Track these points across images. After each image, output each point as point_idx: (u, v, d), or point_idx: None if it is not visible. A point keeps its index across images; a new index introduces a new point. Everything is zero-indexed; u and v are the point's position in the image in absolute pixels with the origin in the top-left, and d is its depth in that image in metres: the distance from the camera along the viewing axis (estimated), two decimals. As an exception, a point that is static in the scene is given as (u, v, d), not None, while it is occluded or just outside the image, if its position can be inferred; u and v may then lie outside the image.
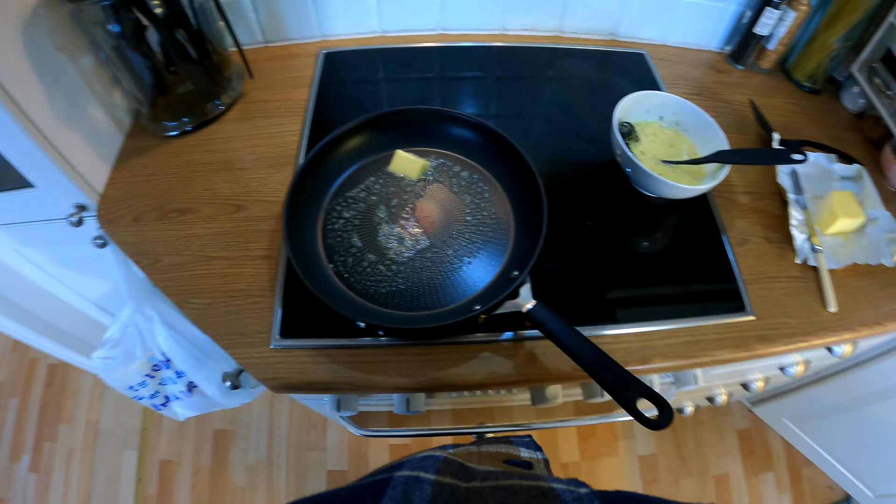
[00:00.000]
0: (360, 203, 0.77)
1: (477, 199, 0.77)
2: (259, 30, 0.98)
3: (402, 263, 0.72)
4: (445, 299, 0.69)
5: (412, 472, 0.36)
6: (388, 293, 0.69)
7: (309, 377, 0.65)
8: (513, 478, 0.37)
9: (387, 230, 0.74)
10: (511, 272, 0.68)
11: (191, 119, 0.89)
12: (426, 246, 0.73)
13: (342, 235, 0.74)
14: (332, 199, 0.77)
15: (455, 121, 0.79)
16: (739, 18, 0.96)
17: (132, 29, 0.77)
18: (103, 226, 0.81)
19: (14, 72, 0.67)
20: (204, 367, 0.98)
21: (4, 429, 1.61)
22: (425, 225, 0.75)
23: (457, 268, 0.71)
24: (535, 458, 0.52)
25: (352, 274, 0.71)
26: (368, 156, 0.80)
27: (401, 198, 0.77)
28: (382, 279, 0.70)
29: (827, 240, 0.78)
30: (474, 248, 0.73)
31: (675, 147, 0.81)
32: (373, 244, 0.73)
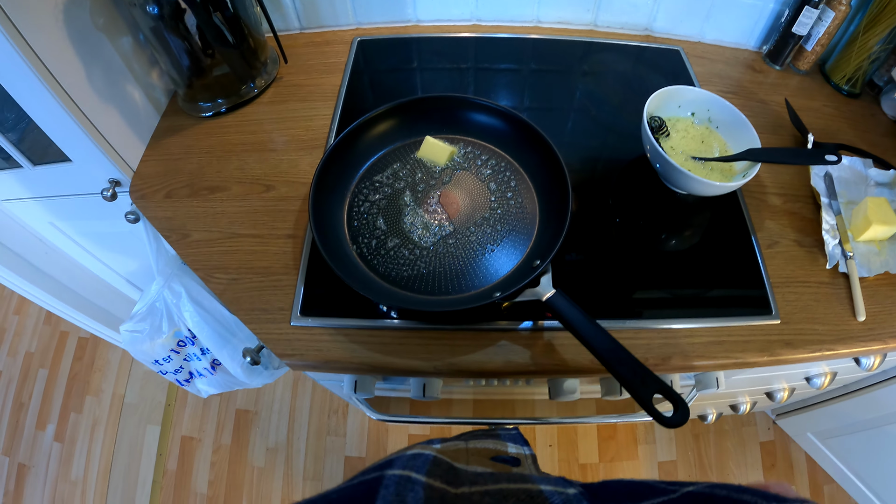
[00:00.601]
0: (386, 187, 0.76)
1: (503, 188, 0.76)
2: (296, 16, 0.98)
3: (424, 248, 0.71)
4: (467, 285, 0.68)
5: (403, 471, 0.35)
6: (409, 276, 0.69)
7: (327, 355, 0.65)
8: (501, 481, 0.37)
9: (412, 215, 0.74)
10: (533, 261, 0.67)
11: (225, 100, 0.90)
12: (450, 232, 0.73)
13: (367, 218, 0.74)
14: (359, 182, 0.77)
15: (483, 109, 0.78)
16: (778, 17, 0.93)
17: (171, 11, 0.78)
18: (135, 201, 0.82)
19: (55, 50, 0.68)
20: (228, 345, 0.99)
21: (32, 398, 1.66)
22: (451, 211, 0.74)
23: (479, 255, 0.71)
24: (523, 453, 0.52)
25: (374, 256, 0.71)
26: (397, 141, 0.80)
27: (427, 184, 0.77)
28: (405, 262, 0.70)
29: (860, 246, 0.75)
30: (498, 236, 0.72)
31: (706, 144, 0.79)
32: (397, 228, 0.73)
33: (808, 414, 1.23)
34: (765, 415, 1.45)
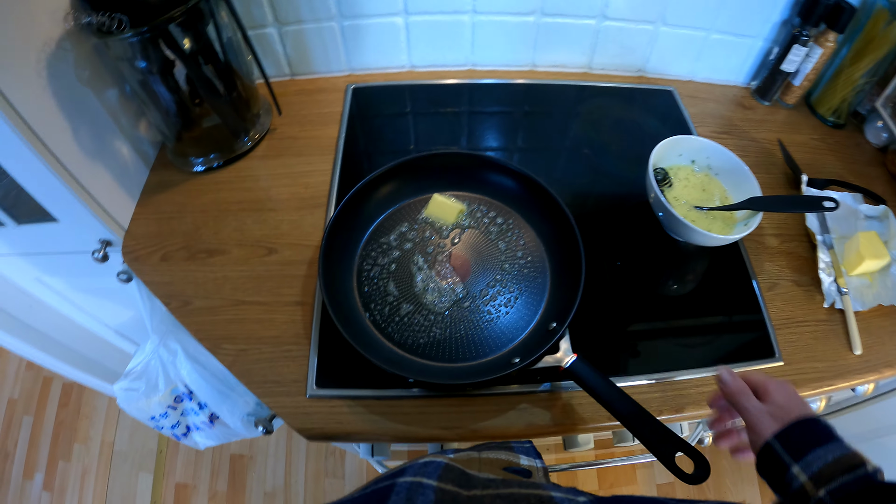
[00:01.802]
0: (394, 250, 0.74)
1: (512, 247, 0.75)
2: (286, 63, 0.95)
3: (438, 314, 0.69)
4: (483, 350, 0.66)
5: (414, 477, 0.35)
6: (425, 344, 0.66)
7: (347, 427, 0.62)
8: (512, 486, 0.37)
9: (424, 279, 0.71)
10: (549, 323, 0.66)
11: (218, 155, 0.85)
12: (463, 296, 0.70)
13: (378, 283, 0.71)
14: (366, 245, 0.74)
15: (493, 166, 0.76)
16: (767, 55, 0.94)
17: (159, 64, 0.74)
18: (129, 263, 0.77)
19: (37, 106, 0.63)
20: (227, 400, 0.95)
21: (18, 446, 1.57)
22: (461, 273, 0.72)
23: (494, 318, 0.69)
24: (535, 465, 0.52)
25: (388, 324, 0.68)
26: (402, 200, 0.78)
27: (437, 245, 0.75)
28: (419, 329, 0.68)
29: (853, 281, 0.76)
30: (511, 297, 0.70)
31: (707, 192, 0.78)
32: (409, 293, 0.70)
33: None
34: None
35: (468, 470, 0.40)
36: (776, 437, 0.44)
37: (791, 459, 0.42)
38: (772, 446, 0.44)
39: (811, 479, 0.40)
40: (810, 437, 0.43)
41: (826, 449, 0.42)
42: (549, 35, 0.91)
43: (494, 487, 0.36)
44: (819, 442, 0.42)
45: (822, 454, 0.41)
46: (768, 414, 0.47)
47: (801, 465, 0.41)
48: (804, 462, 0.41)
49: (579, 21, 0.89)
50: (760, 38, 0.92)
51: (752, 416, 0.48)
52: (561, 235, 0.71)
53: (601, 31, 0.91)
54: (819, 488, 0.39)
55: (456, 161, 0.77)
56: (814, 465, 0.41)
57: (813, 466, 0.41)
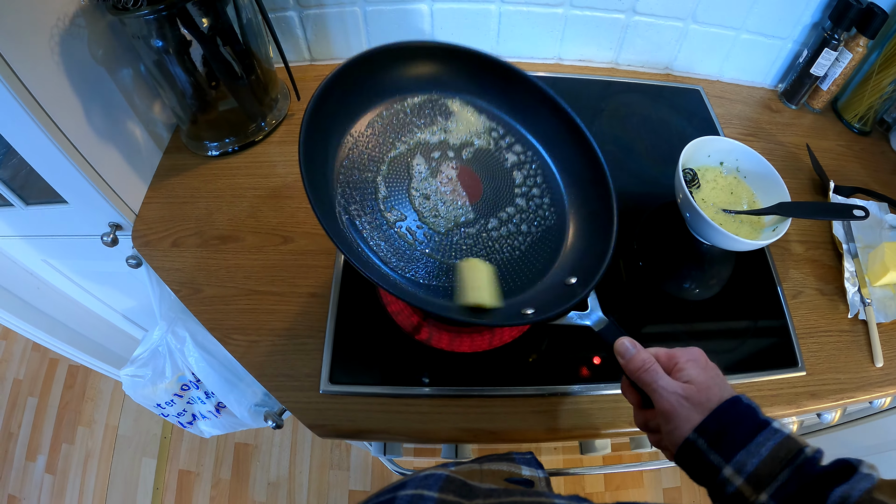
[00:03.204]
0: (394, 140, 0.59)
1: (529, 182, 0.63)
2: (306, 47, 0.91)
3: (435, 231, 0.55)
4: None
5: (416, 490, 0.34)
6: (412, 264, 0.53)
7: (360, 425, 0.59)
8: (514, 495, 0.35)
9: (422, 184, 0.57)
10: (568, 277, 0.55)
11: (234, 139, 0.81)
12: (469, 219, 0.57)
13: (364, 174, 0.55)
14: (361, 123, 0.58)
15: (528, 86, 0.63)
16: (796, 57, 0.90)
17: (176, 44, 0.70)
18: (139, 248, 0.74)
19: (49, 84, 0.60)
20: (235, 390, 0.91)
21: (22, 427, 1.54)
22: (469, 192, 0.59)
23: (502, 255, 0.56)
24: (537, 476, 0.49)
25: (369, 228, 0.53)
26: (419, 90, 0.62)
27: (444, 152, 0.59)
28: (407, 246, 0.54)
29: (876, 291, 0.73)
30: (521, 237, 0.59)
31: (735, 195, 0.74)
32: (401, 196, 0.56)
33: (810, 440, 1.21)
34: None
35: (470, 481, 0.37)
36: (698, 432, 0.38)
37: (721, 460, 0.37)
38: (694, 443, 0.38)
39: (748, 482, 0.35)
40: (738, 428, 0.37)
41: (758, 441, 0.36)
42: (577, 28, 0.87)
43: (496, 497, 0.34)
44: (749, 433, 0.37)
45: (754, 449, 0.36)
46: (683, 398, 0.40)
47: (733, 467, 0.36)
48: (736, 462, 0.36)
49: (608, 15, 0.85)
50: (790, 41, 0.88)
51: (664, 399, 0.41)
52: (589, 182, 0.61)
53: (630, 26, 0.87)
54: (759, 492, 0.35)
55: (493, 70, 0.64)
56: (748, 465, 0.36)
57: (747, 466, 0.36)
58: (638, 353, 0.45)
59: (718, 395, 0.40)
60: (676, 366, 0.43)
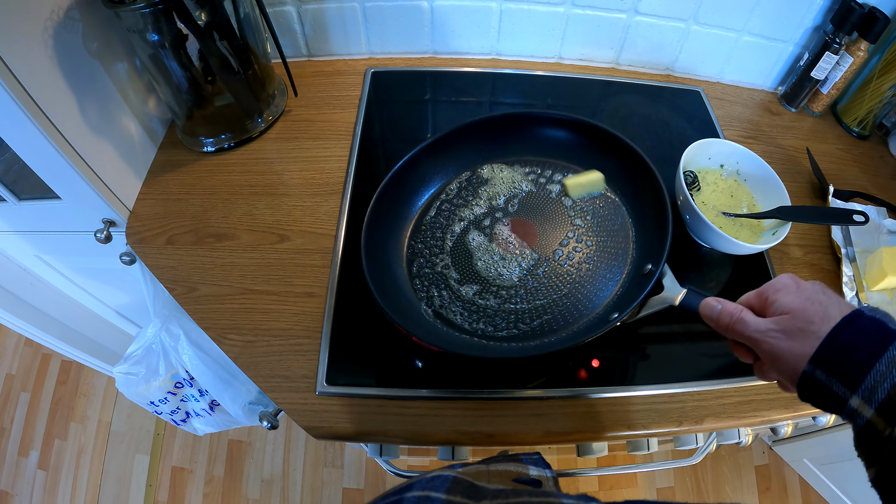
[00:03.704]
0: (446, 231, 0.66)
1: (581, 200, 0.67)
2: (304, 43, 0.89)
3: (510, 288, 0.60)
4: (573, 316, 0.58)
5: (422, 492, 0.33)
6: (502, 325, 0.58)
7: (357, 427, 0.58)
8: (522, 496, 0.34)
9: (484, 254, 0.63)
10: (643, 267, 0.57)
11: (230, 135, 0.80)
12: (534, 262, 0.62)
13: (433, 270, 0.62)
14: (413, 234, 0.65)
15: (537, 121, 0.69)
16: (796, 60, 0.89)
17: (172, 38, 0.68)
18: (133, 245, 0.72)
19: (42, 77, 0.58)
20: (229, 388, 0.90)
21: (14, 423, 1.52)
22: (527, 238, 0.64)
23: (576, 278, 0.60)
24: (545, 475, 0.48)
25: (451, 310, 0.60)
26: (443, 179, 0.70)
27: (492, 216, 0.66)
28: (493, 312, 0.59)
29: (874, 296, 0.72)
30: (589, 251, 0.62)
31: (735, 198, 0.74)
32: (470, 272, 0.63)
33: (806, 441, 1.21)
34: (760, 440, 1.44)
35: (477, 482, 0.37)
36: (814, 362, 0.34)
37: (845, 390, 0.32)
38: (812, 375, 0.34)
39: (879, 413, 0.30)
40: (861, 347, 0.32)
41: (888, 358, 0.31)
42: (578, 27, 0.86)
43: (504, 498, 0.33)
44: (876, 349, 0.31)
45: (884, 369, 0.31)
46: (778, 332, 0.36)
47: (860, 396, 0.31)
48: (864, 389, 0.31)
49: (610, 14, 0.84)
50: (791, 43, 0.87)
51: (761, 342, 0.37)
52: (631, 174, 0.63)
53: (631, 26, 0.86)
54: (894, 424, 0.30)
55: (495, 125, 0.69)
56: (878, 391, 0.30)
57: (877, 393, 0.30)
58: (724, 307, 0.41)
59: (822, 315, 0.35)
60: (767, 300, 0.39)
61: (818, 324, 0.35)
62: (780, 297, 0.38)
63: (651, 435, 0.62)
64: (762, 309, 0.40)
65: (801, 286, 0.38)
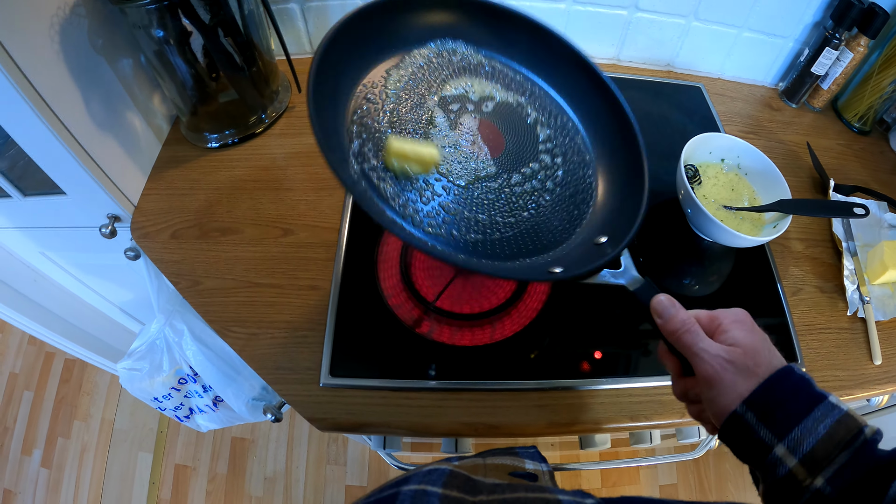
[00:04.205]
0: (410, 93, 0.55)
1: (554, 139, 0.59)
2: (307, 40, 0.90)
3: (455, 185, 0.52)
4: (511, 248, 0.52)
5: (419, 485, 0.33)
6: (430, 218, 0.50)
7: (361, 419, 0.58)
8: (518, 490, 0.34)
9: (442, 137, 0.54)
10: (597, 237, 0.53)
11: (234, 131, 0.81)
12: (491, 173, 0.54)
13: (378, 126, 0.51)
14: (372, 74, 0.54)
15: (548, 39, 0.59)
16: (797, 56, 0.90)
17: (177, 34, 0.69)
18: (137, 240, 0.73)
19: (48, 73, 0.59)
20: (233, 384, 0.90)
21: (17, 421, 1.52)
22: (491, 146, 0.57)
23: (528, 213, 0.54)
24: (541, 469, 0.48)
25: (384, 179, 0.49)
26: (440, 40, 0.58)
27: (463, 104, 0.57)
28: (425, 199, 0.50)
29: (875, 290, 0.73)
30: (547, 194, 0.56)
31: (736, 192, 0.74)
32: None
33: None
34: (762, 436, 1.44)
35: (473, 476, 0.37)
36: (746, 405, 0.34)
37: (772, 437, 0.33)
38: (742, 417, 0.34)
39: (803, 464, 0.31)
40: (793, 401, 0.33)
41: (815, 417, 0.32)
42: (580, 24, 0.87)
43: (500, 492, 0.33)
44: (804, 407, 0.33)
45: (811, 426, 0.32)
46: (728, 361, 0.36)
47: (786, 445, 0.32)
48: (791, 440, 0.32)
49: (611, 11, 0.85)
50: (791, 39, 0.88)
51: (706, 363, 0.36)
52: (616, 140, 0.58)
53: (632, 23, 0.86)
54: (814, 475, 0.31)
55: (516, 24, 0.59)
56: (804, 444, 0.32)
57: (803, 445, 0.32)
58: (677, 312, 0.40)
59: (767, 361, 0.36)
60: (720, 327, 0.39)
61: (763, 367, 0.35)
62: (734, 329, 0.38)
63: (654, 426, 0.62)
64: (710, 332, 0.39)
65: (755, 328, 0.39)
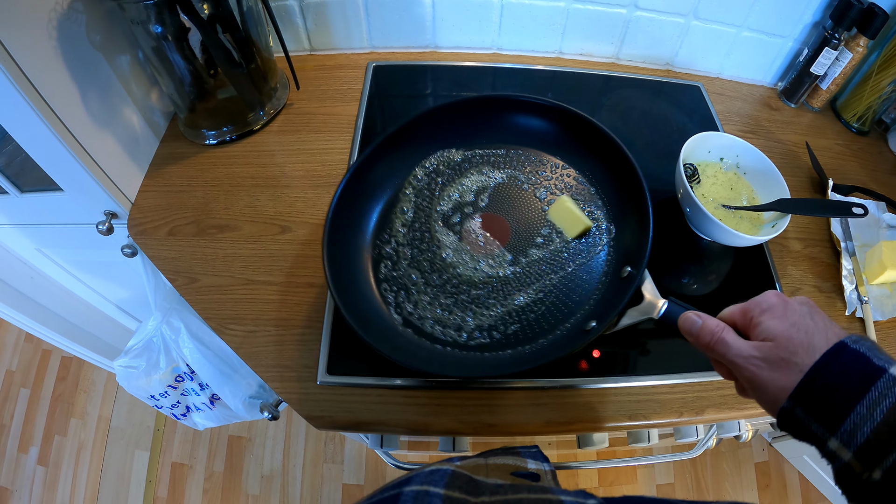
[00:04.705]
0: (412, 228, 0.61)
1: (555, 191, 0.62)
2: (306, 37, 0.89)
3: (483, 291, 0.57)
4: (547, 323, 0.54)
5: (421, 486, 0.32)
6: (472, 332, 0.55)
7: (358, 417, 0.58)
8: (521, 491, 0.34)
9: (454, 253, 0.58)
10: (622, 270, 0.54)
11: (232, 128, 0.80)
12: (508, 261, 0.57)
13: (399, 271, 0.58)
14: (377, 231, 0.61)
15: (512, 106, 0.62)
16: (795, 56, 0.90)
17: (175, 30, 0.69)
18: (135, 236, 0.72)
19: (46, 69, 0.59)
20: (230, 382, 0.90)
21: (14, 419, 1.52)
22: (500, 237, 0.58)
23: (556, 278, 0.56)
24: (543, 469, 0.48)
25: (423, 319, 0.56)
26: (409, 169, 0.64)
27: (462, 212, 0.60)
28: (462, 317, 0.56)
29: (873, 290, 0.73)
30: (566, 252, 0.58)
31: (735, 191, 0.74)
32: (440, 275, 0.59)
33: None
34: (760, 436, 1.44)
35: (476, 476, 0.37)
36: (793, 399, 0.32)
37: (824, 431, 0.31)
38: (792, 412, 0.33)
39: (858, 457, 0.30)
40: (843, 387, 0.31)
41: (870, 400, 0.30)
42: (579, 22, 0.87)
43: (503, 493, 0.33)
44: (858, 390, 0.30)
45: (864, 412, 0.30)
46: (760, 360, 0.35)
47: (839, 439, 0.31)
48: (843, 433, 0.30)
49: (610, 9, 0.84)
50: (791, 39, 0.87)
51: (742, 368, 0.35)
52: (611, 170, 0.59)
53: (632, 21, 0.86)
54: (872, 468, 0.29)
55: (463, 112, 0.63)
56: (857, 435, 0.30)
57: (857, 437, 0.30)
58: (704, 324, 0.39)
59: (806, 345, 0.34)
60: (752, 321, 0.37)
61: (802, 355, 0.34)
62: (765, 319, 0.37)
63: (652, 426, 0.62)
64: (746, 328, 0.38)
65: (789, 308, 0.37)
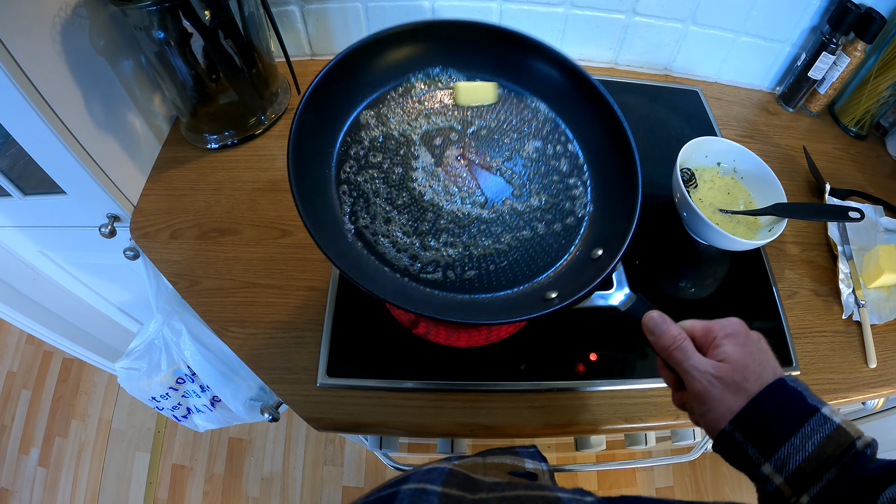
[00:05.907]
0: (390, 140, 0.55)
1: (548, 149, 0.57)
2: (307, 42, 0.90)
3: (447, 225, 0.52)
4: (506, 279, 0.51)
5: (418, 484, 0.33)
6: (426, 265, 0.50)
7: (357, 419, 0.59)
8: (518, 489, 0.34)
9: (428, 178, 0.53)
10: (594, 250, 0.51)
11: (233, 132, 0.81)
12: (482, 203, 0.53)
13: (365, 181, 0.52)
14: (350, 130, 0.53)
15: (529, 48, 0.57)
16: (794, 61, 0.90)
17: (177, 36, 0.70)
18: (137, 240, 0.73)
19: (49, 74, 0.60)
20: (231, 384, 0.91)
21: (15, 420, 1.53)
22: (478, 175, 0.55)
23: (524, 235, 0.53)
24: (541, 468, 0.48)
25: (378, 234, 0.50)
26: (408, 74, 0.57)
27: (446, 136, 0.54)
28: (419, 247, 0.51)
29: (870, 293, 0.73)
30: (542, 213, 0.54)
31: (732, 195, 0.75)
32: (407, 195, 0.53)
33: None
34: (759, 438, 1.45)
35: (473, 475, 0.37)
36: (734, 423, 0.35)
37: (759, 455, 0.33)
38: (731, 436, 0.35)
39: (789, 483, 0.32)
40: (780, 419, 0.33)
41: (804, 434, 0.32)
42: (577, 27, 0.87)
43: (500, 490, 0.34)
44: (793, 423, 0.33)
45: (798, 444, 0.32)
46: (715, 378, 0.36)
47: (773, 464, 0.33)
48: (777, 460, 0.32)
49: (609, 15, 0.85)
50: (788, 44, 0.88)
51: (694, 380, 0.37)
52: (608, 146, 0.56)
53: (630, 27, 0.87)
54: (801, 493, 0.32)
55: (485, 36, 0.57)
56: (790, 463, 0.32)
57: (789, 464, 0.32)
58: (668, 328, 0.40)
59: (757, 375, 0.36)
60: (714, 341, 0.39)
61: (752, 382, 0.36)
62: (727, 343, 0.38)
63: (648, 428, 0.63)
64: (704, 345, 0.40)
65: (749, 338, 0.39)
